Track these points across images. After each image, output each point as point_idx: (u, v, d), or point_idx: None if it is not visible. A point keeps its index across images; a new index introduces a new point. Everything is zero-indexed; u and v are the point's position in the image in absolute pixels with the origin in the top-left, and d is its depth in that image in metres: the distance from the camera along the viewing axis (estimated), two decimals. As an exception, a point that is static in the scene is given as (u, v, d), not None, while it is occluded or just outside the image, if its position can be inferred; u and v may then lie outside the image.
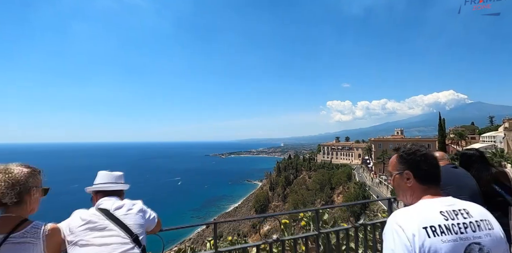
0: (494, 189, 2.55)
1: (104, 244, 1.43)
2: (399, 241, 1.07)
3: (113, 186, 1.71)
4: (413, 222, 1.08)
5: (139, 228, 1.57)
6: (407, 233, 1.06)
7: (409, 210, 1.16)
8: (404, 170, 1.26)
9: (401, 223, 1.09)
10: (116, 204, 1.62)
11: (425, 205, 1.17)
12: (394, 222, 1.11)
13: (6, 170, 1.33)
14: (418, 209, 1.16)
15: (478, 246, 1.08)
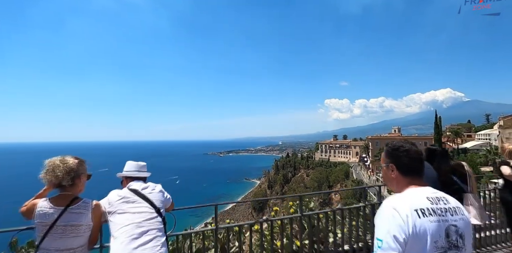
0: (452, 178, 2.99)
1: (137, 212, 1.92)
2: (394, 222, 1.21)
3: (139, 174, 2.19)
4: (406, 205, 1.24)
5: (160, 203, 2.05)
6: (402, 215, 1.21)
7: (401, 196, 1.34)
8: (389, 163, 1.45)
9: (396, 207, 1.24)
10: (143, 185, 2.12)
11: (413, 192, 1.35)
12: (390, 206, 1.26)
13: (63, 160, 1.81)
14: (408, 195, 1.33)
15: (455, 228, 1.26)
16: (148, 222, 1.88)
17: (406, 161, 1.42)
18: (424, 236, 1.20)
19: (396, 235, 1.19)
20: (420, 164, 1.48)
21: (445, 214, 1.27)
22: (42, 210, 1.66)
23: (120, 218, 1.84)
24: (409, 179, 1.42)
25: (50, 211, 1.67)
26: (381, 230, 1.24)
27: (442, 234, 1.23)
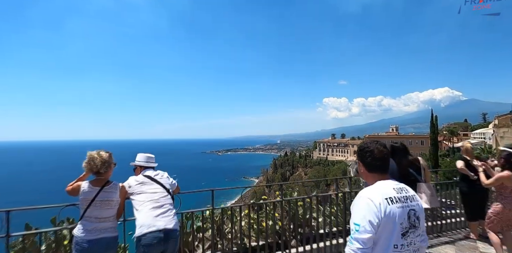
0: (409, 171, 3.61)
1: (153, 192, 2.50)
2: (369, 209, 1.46)
3: (150, 164, 2.76)
4: (378, 195, 1.51)
5: (169, 186, 2.64)
6: (375, 203, 1.47)
7: (373, 188, 1.60)
8: (358, 161, 1.76)
9: (370, 196, 1.50)
10: (154, 172, 2.69)
11: (382, 184, 1.60)
12: (365, 196, 1.52)
13: (99, 154, 2.40)
14: (379, 186, 1.58)
15: (413, 212, 1.55)
16: (163, 198, 2.49)
17: (369, 160, 1.67)
18: (393, 219, 1.47)
19: (371, 220, 1.44)
20: (383, 162, 1.70)
21: (407, 201, 1.55)
22: (85, 189, 2.26)
23: (140, 197, 2.44)
24: (374, 174, 1.68)
25: (90, 190, 2.27)
26: (357, 216, 1.49)
27: (405, 217, 1.51)
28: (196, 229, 3.21)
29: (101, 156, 2.34)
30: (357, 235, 1.45)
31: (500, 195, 3.68)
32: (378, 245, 1.46)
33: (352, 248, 1.45)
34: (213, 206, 3.13)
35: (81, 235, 2.18)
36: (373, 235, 1.44)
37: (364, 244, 1.43)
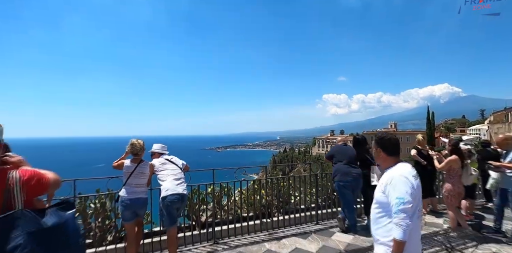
0: (366, 156, 4.64)
1: (173, 169, 3.49)
2: (406, 184, 1.77)
3: (165, 151, 3.75)
4: (407, 173, 1.85)
5: (181, 166, 3.64)
6: (409, 179, 1.79)
7: (401, 168, 1.89)
8: (377, 148, 2.04)
9: (404, 174, 1.82)
10: (169, 157, 3.69)
11: (403, 165, 1.92)
12: (401, 175, 1.81)
13: (138, 141, 3.35)
14: (403, 167, 1.89)
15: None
16: (179, 173, 3.52)
17: (390, 146, 1.99)
18: (419, 191, 1.86)
19: (410, 193, 1.74)
20: (398, 147, 2.04)
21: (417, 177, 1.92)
22: (128, 165, 3.27)
23: (164, 172, 3.46)
24: (393, 157, 1.99)
25: (131, 166, 3.27)
26: (400, 191, 1.76)
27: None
28: (201, 200, 4.25)
29: (139, 143, 3.36)
30: (402, 206, 1.71)
31: (449, 176, 4.61)
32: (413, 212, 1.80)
33: (401, 217, 1.71)
34: (214, 183, 4.18)
35: (125, 195, 3.20)
36: (413, 205, 1.74)
37: (408, 212, 1.72)
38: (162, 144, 3.80)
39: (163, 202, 3.28)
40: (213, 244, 3.96)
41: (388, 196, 1.82)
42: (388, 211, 1.83)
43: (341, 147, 4.66)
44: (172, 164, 3.59)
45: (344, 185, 4.31)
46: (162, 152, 3.73)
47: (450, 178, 4.55)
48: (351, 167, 4.37)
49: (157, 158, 3.64)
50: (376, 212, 1.92)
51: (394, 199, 1.76)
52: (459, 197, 4.51)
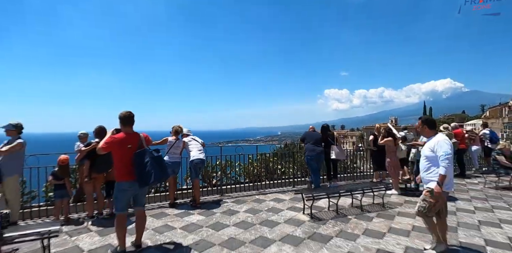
0: (328, 139, 6.55)
1: (196, 144, 5.42)
2: (448, 143, 3.06)
3: (190, 133, 5.66)
4: (446, 138, 3.21)
5: (201, 142, 5.55)
6: (448, 141, 3.12)
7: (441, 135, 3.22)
8: (423, 125, 3.36)
9: (445, 138, 3.14)
10: (193, 136, 5.60)
11: (441, 134, 3.27)
12: (444, 138, 3.12)
13: (179, 126, 5.28)
14: (441, 134, 3.25)
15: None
16: (201, 147, 5.44)
17: (430, 123, 3.36)
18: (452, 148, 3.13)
19: (450, 148, 3.05)
20: (435, 123, 3.42)
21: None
22: (170, 140, 5.17)
23: (192, 146, 5.36)
24: (433, 131, 3.33)
25: (172, 141, 5.17)
26: (445, 147, 3.03)
27: None
28: (212, 168, 6.21)
29: (181, 127, 5.29)
30: (446, 156, 2.98)
31: (388, 153, 6.47)
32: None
33: (445, 162, 2.96)
34: (221, 156, 6.13)
35: (167, 159, 5.04)
36: (451, 156, 3.01)
37: (450, 160, 2.99)
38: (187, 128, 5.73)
39: (191, 163, 5.23)
40: (220, 196, 5.93)
41: (436, 152, 3.07)
42: (435, 162, 3.09)
43: (311, 132, 6.59)
44: (196, 141, 5.52)
45: (311, 158, 6.23)
46: (189, 134, 5.67)
47: (389, 154, 6.45)
48: (316, 146, 6.28)
49: (186, 137, 5.56)
50: (426, 163, 3.20)
51: (441, 153, 3.01)
52: (396, 166, 6.40)
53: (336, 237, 3.75)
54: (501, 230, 3.97)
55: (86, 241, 3.65)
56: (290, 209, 5.02)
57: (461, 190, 6.43)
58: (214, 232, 3.95)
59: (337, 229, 4.05)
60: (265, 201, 5.59)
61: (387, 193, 6.00)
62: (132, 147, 3.24)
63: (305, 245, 3.49)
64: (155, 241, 3.65)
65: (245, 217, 4.58)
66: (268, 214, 4.75)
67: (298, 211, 4.90)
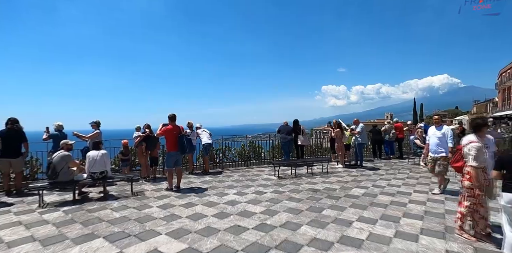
0: (297, 131, 9.39)
1: (207, 133, 8.24)
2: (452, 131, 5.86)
3: (202, 126, 8.48)
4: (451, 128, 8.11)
5: (209, 132, 8.36)
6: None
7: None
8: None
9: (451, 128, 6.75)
10: (203, 128, 8.42)
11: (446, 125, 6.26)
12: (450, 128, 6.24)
13: (190, 123, 8.05)
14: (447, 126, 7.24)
15: None
16: (209, 135, 8.25)
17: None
18: None
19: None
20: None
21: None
22: (188, 131, 7.94)
23: (203, 135, 8.20)
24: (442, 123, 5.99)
25: (190, 132, 7.96)
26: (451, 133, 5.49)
27: None
28: (216, 151, 9.05)
29: (191, 123, 8.03)
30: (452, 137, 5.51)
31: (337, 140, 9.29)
32: None
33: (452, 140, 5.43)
34: (222, 142, 8.96)
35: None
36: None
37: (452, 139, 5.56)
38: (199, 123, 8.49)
39: (203, 146, 8.06)
40: (222, 169, 8.77)
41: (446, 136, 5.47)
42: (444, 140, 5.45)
43: (284, 126, 9.40)
44: (205, 132, 8.28)
45: (283, 144, 9.09)
46: (200, 127, 8.44)
47: (337, 140, 9.28)
48: (287, 135, 9.12)
49: (199, 129, 8.33)
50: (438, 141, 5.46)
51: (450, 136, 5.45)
52: (342, 149, 9.22)
53: (289, 184, 6.60)
54: (389, 181, 6.83)
55: (149, 187, 6.47)
56: (267, 174, 7.88)
57: (391, 165, 9.29)
58: (219, 183, 6.79)
59: (291, 181, 6.91)
60: (251, 171, 8.44)
61: (336, 166, 8.88)
62: (176, 133, 6.06)
63: (270, 187, 6.33)
64: (186, 186, 6.47)
65: (237, 178, 7.44)
66: (252, 177, 7.60)
67: (271, 175, 7.74)
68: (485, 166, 3.44)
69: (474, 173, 3.35)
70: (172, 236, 3.60)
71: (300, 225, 3.95)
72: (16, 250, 3.25)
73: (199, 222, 4.14)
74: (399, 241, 3.41)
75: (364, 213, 4.47)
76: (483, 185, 3.34)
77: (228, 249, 3.24)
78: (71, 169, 5.38)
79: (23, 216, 4.52)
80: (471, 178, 3.40)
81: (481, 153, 3.35)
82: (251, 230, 3.78)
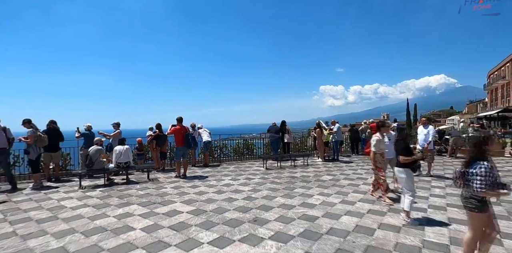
0: (284, 130, 10.97)
1: (207, 132, 9.78)
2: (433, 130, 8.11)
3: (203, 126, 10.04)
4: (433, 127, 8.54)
5: (208, 131, 9.94)
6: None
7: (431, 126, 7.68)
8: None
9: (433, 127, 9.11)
10: (204, 128, 9.98)
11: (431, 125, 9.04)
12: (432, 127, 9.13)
13: (193, 124, 9.63)
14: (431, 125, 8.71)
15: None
16: (209, 133, 9.81)
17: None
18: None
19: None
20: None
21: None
22: (191, 131, 9.51)
23: (204, 133, 9.71)
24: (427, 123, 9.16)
25: (193, 131, 9.49)
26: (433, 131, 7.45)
27: None
28: (214, 147, 10.62)
29: (193, 124, 9.57)
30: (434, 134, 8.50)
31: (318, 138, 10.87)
32: None
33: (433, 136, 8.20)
34: (220, 139, 10.53)
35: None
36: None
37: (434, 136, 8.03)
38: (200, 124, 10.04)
39: (204, 143, 9.60)
40: (219, 163, 10.33)
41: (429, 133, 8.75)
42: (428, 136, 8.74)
43: (273, 126, 10.98)
44: (206, 131, 9.83)
45: (272, 142, 10.69)
46: (201, 127, 9.99)
47: (318, 138, 10.85)
48: (275, 134, 10.71)
49: (201, 129, 9.88)
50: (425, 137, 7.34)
51: (431, 133, 9.72)
52: (322, 146, 10.80)
53: (274, 173, 8.18)
54: (355, 171, 8.42)
55: (161, 175, 8.03)
56: (257, 166, 9.45)
57: (364, 159, 10.88)
58: (217, 173, 8.36)
59: (276, 171, 8.49)
60: (244, 164, 10.02)
61: (316, 160, 10.48)
62: (183, 132, 7.62)
63: (258, 175, 7.90)
64: (190, 175, 8.03)
65: (232, 169, 9.01)
66: (244, 168, 9.17)
67: (261, 167, 9.32)
68: (383, 152, 5.17)
69: (372, 155, 5.13)
70: (184, 203, 5.18)
71: (275, 197, 5.54)
72: (78, 212, 4.79)
73: (203, 196, 5.72)
74: (341, 205, 5.00)
75: (324, 190, 6.06)
76: (377, 163, 5.16)
77: (223, 208, 4.82)
78: (102, 160, 6.93)
79: (71, 193, 6.07)
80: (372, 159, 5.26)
81: (378, 143, 5.00)
82: (240, 200, 5.37)
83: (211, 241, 3.50)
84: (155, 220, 4.30)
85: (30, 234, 3.79)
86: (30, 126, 6.67)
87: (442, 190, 5.99)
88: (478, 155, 2.61)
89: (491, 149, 2.60)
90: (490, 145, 2.59)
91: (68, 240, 3.58)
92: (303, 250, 3.24)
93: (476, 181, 2.52)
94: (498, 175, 2.55)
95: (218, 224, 4.09)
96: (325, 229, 3.87)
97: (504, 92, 40.10)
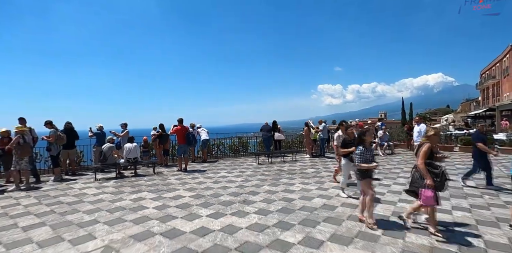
0: (276, 129, 12.03)
1: (205, 131, 10.80)
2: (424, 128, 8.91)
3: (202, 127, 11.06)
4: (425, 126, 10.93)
5: (206, 130, 10.97)
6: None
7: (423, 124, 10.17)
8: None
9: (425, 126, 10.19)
10: (202, 128, 11.01)
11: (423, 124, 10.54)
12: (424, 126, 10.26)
13: (192, 124, 10.66)
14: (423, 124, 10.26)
15: None
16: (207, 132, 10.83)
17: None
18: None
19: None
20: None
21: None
22: (191, 130, 10.52)
23: (202, 133, 10.71)
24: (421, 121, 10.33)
25: (192, 130, 10.52)
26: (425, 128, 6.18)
27: None
28: (212, 145, 11.66)
29: (192, 124, 10.60)
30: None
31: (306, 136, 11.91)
32: None
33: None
34: (217, 138, 11.58)
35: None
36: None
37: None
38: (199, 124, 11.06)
39: (202, 141, 10.63)
40: (216, 159, 11.36)
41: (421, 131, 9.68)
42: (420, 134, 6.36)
43: (265, 125, 12.02)
44: (204, 130, 10.85)
45: (264, 140, 11.74)
46: (200, 126, 11.00)
47: (306, 136, 11.89)
48: (267, 133, 11.75)
49: (199, 128, 10.90)
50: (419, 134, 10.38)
51: (423, 131, 10.16)
52: (310, 143, 11.84)
53: (264, 167, 9.23)
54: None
55: (164, 170, 9.06)
56: (250, 162, 10.49)
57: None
58: (214, 167, 9.40)
59: (267, 166, 9.54)
60: (239, 160, 11.07)
61: (304, 156, 11.54)
62: (184, 131, 8.66)
63: (250, 169, 8.94)
64: (191, 169, 9.05)
65: (228, 164, 10.05)
66: (239, 163, 10.21)
67: (253, 162, 10.36)
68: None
69: (335, 148, 6.22)
70: (187, 190, 6.23)
71: (262, 185, 6.59)
72: (99, 197, 5.82)
73: (202, 185, 6.77)
74: (316, 190, 6.06)
75: (305, 180, 7.12)
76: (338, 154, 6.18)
77: (219, 194, 5.88)
78: (114, 156, 7.96)
79: (89, 184, 7.10)
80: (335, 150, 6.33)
81: (338, 138, 6.08)
82: (233, 188, 6.42)
83: (208, 215, 4.54)
84: (164, 202, 5.34)
85: (65, 212, 4.82)
86: (52, 127, 7.68)
87: (405, 179, 7.05)
88: (359, 142, 3.98)
89: (367, 139, 3.94)
90: (366, 136, 3.93)
91: (97, 215, 4.62)
92: (278, 219, 4.29)
93: (356, 159, 3.89)
94: (371, 155, 3.93)
95: (214, 204, 5.14)
96: (298, 207, 4.93)
97: (494, 91, 41.28)
